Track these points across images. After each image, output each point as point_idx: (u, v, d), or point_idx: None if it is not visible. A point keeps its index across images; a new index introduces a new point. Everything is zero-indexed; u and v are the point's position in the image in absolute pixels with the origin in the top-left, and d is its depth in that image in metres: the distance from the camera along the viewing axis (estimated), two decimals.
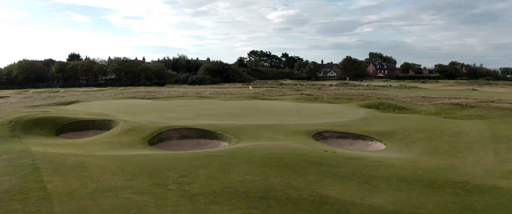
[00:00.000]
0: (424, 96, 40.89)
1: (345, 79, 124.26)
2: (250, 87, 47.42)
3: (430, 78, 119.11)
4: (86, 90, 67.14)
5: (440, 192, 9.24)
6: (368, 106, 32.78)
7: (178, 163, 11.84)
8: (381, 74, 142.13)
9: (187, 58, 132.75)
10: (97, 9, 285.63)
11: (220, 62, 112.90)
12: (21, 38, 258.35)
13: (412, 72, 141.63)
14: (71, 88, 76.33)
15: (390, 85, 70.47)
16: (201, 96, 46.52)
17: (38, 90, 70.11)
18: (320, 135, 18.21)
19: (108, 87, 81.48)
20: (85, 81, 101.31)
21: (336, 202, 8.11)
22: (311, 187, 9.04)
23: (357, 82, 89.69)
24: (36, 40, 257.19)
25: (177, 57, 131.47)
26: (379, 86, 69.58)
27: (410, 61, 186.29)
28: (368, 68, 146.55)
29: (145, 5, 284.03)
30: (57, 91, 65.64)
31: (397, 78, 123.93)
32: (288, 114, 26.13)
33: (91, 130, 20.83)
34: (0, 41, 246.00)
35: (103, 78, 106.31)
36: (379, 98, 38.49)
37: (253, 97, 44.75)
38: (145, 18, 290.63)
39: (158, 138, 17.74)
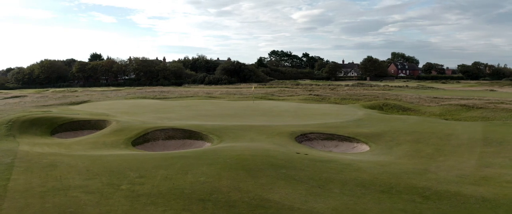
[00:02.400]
0: (435, 97, 39.88)
1: (365, 79, 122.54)
2: (253, 87, 47.32)
3: (452, 78, 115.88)
4: (103, 90, 68.51)
5: (394, 198, 8.96)
6: (372, 107, 32.20)
7: (144, 163, 11.93)
8: (402, 75, 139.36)
9: (206, 58, 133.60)
10: (122, 9, 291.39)
11: (237, 62, 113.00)
12: (46, 38, 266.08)
13: (434, 73, 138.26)
14: (89, 88, 78.14)
15: (407, 86, 69.06)
16: (210, 97, 46.76)
17: (57, 89, 72.05)
18: (305, 136, 18.00)
19: (125, 87, 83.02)
20: (105, 81, 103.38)
21: (273, 206, 7.99)
22: (257, 190, 8.94)
23: (374, 83, 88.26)
24: (60, 40, 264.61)
25: (197, 57, 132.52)
26: (395, 86, 68.27)
27: (436, 61, 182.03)
28: (389, 69, 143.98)
29: (169, 5, 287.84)
30: (75, 91, 67.26)
31: (419, 78, 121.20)
32: (284, 115, 25.96)
33: (86, 129, 21.24)
34: (26, 41, 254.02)
35: (123, 78, 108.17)
36: (387, 98, 37.79)
37: (261, 98, 44.68)
38: (169, 18, 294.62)
39: (143, 138, 17.93)
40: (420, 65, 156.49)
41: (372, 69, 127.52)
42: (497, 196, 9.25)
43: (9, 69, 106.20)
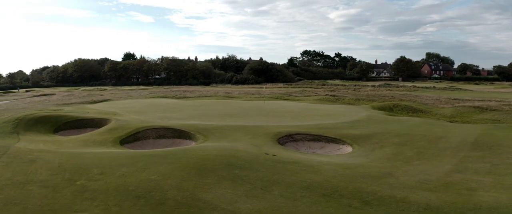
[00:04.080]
0: (455, 98, 38.60)
1: (397, 80, 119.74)
2: (264, 88, 47.47)
3: (487, 80, 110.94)
4: (130, 89, 70.56)
5: (331, 202, 8.91)
6: (382, 108, 31.58)
7: (113, 160, 12.45)
8: (436, 75, 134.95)
9: (236, 58, 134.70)
10: (160, 9, 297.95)
11: (265, 62, 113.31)
12: (84, 37, 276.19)
13: (469, 74, 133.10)
14: (118, 87, 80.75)
15: (434, 87, 66.87)
16: (227, 96, 47.22)
17: (87, 88, 74.96)
18: (291, 137, 18.04)
19: (153, 86, 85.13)
20: (136, 80, 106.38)
21: (199, 205, 8.25)
22: (196, 190, 9.21)
23: (402, 83, 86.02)
24: (97, 39, 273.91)
25: (227, 56, 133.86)
26: (422, 87, 66.39)
27: (475, 62, 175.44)
28: (422, 69, 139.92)
29: (207, 5, 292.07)
30: (104, 89, 69.72)
31: (452, 79, 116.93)
32: (286, 115, 26.00)
33: (88, 128, 22.11)
34: (63, 40, 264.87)
35: (154, 77, 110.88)
36: (401, 100, 37.01)
37: (277, 98, 44.78)
38: (206, 18, 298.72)
39: (134, 137, 18.56)
40: (455, 66, 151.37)
41: (404, 69, 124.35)
42: (444, 204, 9.00)
43: (44, 68, 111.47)
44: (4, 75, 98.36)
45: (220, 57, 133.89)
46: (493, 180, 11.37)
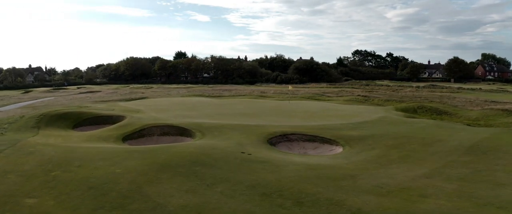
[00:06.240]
0: (492, 101, 36.69)
1: (449, 81, 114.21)
2: (290, 87, 47.50)
3: None
4: (174, 87, 73.30)
5: (265, 201, 9.17)
6: (405, 109, 30.71)
7: (98, 155, 13.63)
8: (490, 77, 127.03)
9: (283, 57, 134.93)
10: (217, 8, 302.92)
11: (310, 61, 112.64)
12: (140, 36, 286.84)
13: None
14: (165, 85, 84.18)
15: (480, 88, 63.12)
16: (260, 96, 47.85)
17: (136, 86, 78.77)
18: (285, 137, 18.35)
19: (199, 85, 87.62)
20: (185, 78, 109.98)
21: (134, 197, 9.07)
22: (144, 184, 9.99)
23: (448, 84, 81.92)
24: (153, 38, 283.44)
25: (274, 56, 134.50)
26: (466, 89, 63.10)
27: None
28: (476, 70, 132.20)
29: (263, 4, 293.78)
30: (150, 87, 72.96)
31: (506, 81, 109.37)
32: (298, 116, 26.18)
33: (106, 124, 23.68)
34: (121, 39, 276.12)
35: (202, 75, 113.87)
36: (431, 101, 35.80)
37: (309, 98, 44.85)
38: (263, 17, 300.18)
39: (139, 133, 19.77)
40: None
41: (456, 70, 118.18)
42: (377, 209, 8.89)
43: (99, 65, 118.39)
44: (59, 72, 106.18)
45: (268, 57, 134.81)
46: (457, 187, 11.04)
